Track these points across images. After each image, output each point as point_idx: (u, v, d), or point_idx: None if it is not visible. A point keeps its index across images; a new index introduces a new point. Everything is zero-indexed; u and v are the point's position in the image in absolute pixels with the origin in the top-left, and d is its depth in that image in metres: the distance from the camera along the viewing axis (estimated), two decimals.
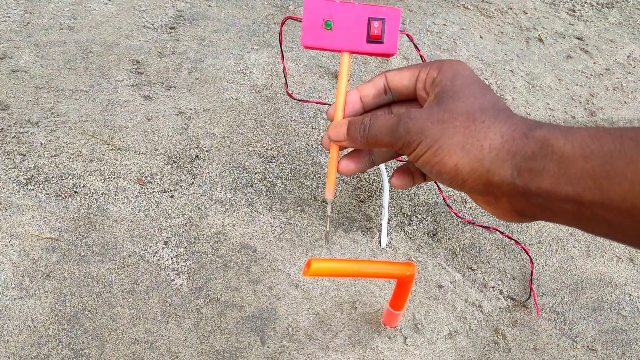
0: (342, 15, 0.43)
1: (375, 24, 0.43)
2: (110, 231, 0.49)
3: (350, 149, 0.46)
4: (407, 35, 0.47)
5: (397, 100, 0.45)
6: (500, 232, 0.53)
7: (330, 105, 0.61)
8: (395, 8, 0.42)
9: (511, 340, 0.46)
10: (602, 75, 0.77)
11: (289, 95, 0.53)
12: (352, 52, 0.44)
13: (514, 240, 0.52)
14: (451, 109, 0.36)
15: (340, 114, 0.45)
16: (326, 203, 0.48)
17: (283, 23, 0.47)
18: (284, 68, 0.50)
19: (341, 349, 0.43)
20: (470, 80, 0.38)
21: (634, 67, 0.79)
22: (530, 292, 0.49)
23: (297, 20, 0.48)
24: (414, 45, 0.47)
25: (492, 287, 0.49)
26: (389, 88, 0.44)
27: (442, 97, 0.37)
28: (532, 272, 0.50)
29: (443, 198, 0.55)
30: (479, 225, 0.54)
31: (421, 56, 0.48)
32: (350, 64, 0.45)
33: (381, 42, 0.43)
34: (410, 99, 0.43)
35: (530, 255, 0.51)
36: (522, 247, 0.52)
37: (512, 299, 0.49)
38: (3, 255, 0.46)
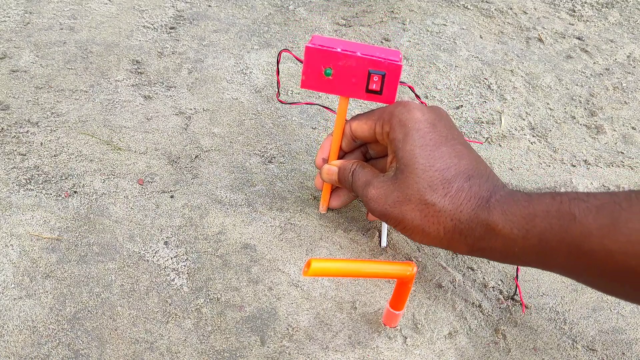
0: (343, 64, 0.43)
1: (375, 77, 0.43)
2: (110, 231, 0.49)
3: None
4: (410, 87, 0.47)
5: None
6: None
7: (322, 106, 0.62)
8: (397, 63, 0.42)
9: (511, 340, 0.46)
10: (602, 75, 0.77)
11: (280, 101, 0.56)
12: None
13: None
14: (404, 189, 0.40)
15: (335, 155, 0.48)
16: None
17: (280, 54, 0.49)
18: (278, 82, 0.52)
19: (341, 349, 0.43)
20: (419, 138, 0.41)
21: (634, 67, 0.79)
22: (516, 288, 0.49)
23: (297, 60, 0.50)
24: (416, 95, 0.48)
25: (492, 287, 0.49)
26: (355, 137, 0.47)
27: (397, 170, 0.41)
28: (517, 268, 0.50)
29: None
30: None
31: (422, 103, 0.48)
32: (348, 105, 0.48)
33: (380, 94, 0.44)
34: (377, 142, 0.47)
35: None
36: None
37: (512, 299, 0.49)
38: (3, 255, 0.46)
